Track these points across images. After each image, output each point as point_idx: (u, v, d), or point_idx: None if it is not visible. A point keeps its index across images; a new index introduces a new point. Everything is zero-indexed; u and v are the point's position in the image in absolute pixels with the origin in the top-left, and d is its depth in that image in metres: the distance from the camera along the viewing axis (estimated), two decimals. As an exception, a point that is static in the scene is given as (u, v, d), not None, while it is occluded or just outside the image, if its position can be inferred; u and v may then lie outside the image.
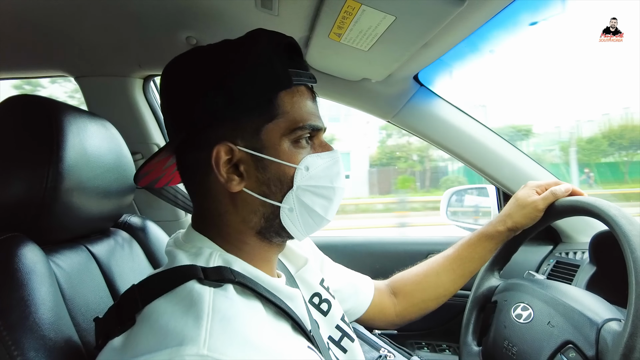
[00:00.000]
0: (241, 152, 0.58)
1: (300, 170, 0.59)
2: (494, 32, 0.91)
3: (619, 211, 0.73)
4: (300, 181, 0.59)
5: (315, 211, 0.61)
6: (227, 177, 0.58)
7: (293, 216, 0.60)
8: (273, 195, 0.59)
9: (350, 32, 0.81)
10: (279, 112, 0.58)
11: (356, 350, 0.74)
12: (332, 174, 0.62)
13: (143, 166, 0.64)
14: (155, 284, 0.53)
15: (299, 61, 0.63)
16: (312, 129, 0.61)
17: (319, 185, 0.61)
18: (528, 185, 0.93)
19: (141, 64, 1.15)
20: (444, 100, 1.22)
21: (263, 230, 0.61)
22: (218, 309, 0.47)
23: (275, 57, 0.59)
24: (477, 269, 0.97)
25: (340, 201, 0.65)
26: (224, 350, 0.43)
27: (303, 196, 0.60)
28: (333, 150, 0.64)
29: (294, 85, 0.60)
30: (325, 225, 0.65)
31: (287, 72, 0.59)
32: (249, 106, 0.57)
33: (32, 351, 0.49)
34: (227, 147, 0.57)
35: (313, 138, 0.63)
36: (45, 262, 0.59)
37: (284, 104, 0.59)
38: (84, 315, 0.63)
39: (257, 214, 0.60)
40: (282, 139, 0.59)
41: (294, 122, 0.59)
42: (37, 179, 0.61)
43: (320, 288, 0.77)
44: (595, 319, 0.70)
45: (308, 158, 0.60)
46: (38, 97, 0.67)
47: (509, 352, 0.82)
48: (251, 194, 0.59)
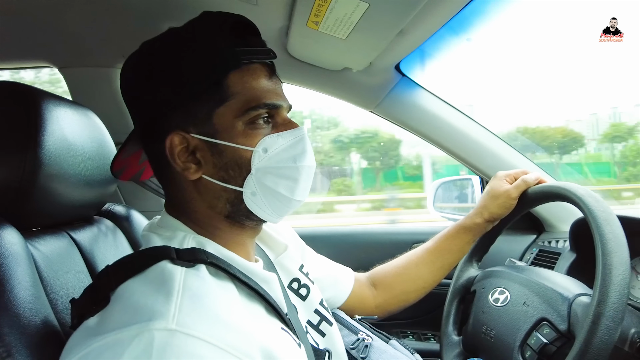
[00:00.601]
0: (195, 139, 0.57)
1: (257, 152, 0.57)
2: (471, 20, 0.92)
3: (586, 191, 0.75)
4: (259, 164, 0.58)
5: (280, 193, 0.60)
6: (184, 166, 0.58)
7: (257, 199, 0.59)
8: (233, 180, 0.58)
9: (327, 20, 0.82)
10: (229, 94, 0.56)
11: (334, 334, 0.75)
12: (296, 153, 0.60)
13: (114, 162, 0.65)
14: (129, 264, 0.53)
15: (250, 39, 0.61)
16: (268, 107, 0.58)
17: (280, 166, 0.59)
18: (497, 176, 0.95)
19: (125, 55, 1.12)
20: (426, 90, 1.23)
21: (232, 214, 0.61)
22: (189, 286, 0.48)
23: (219, 38, 0.57)
24: (456, 261, 0.98)
25: (309, 180, 0.63)
26: (193, 326, 0.43)
27: (264, 179, 0.58)
28: (297, 127, 0.61)
29: (244, 64, 0.57)
30: (297, 206, 0.64)
31: (234, 51, 0.57)
32: (197, 91, 0.56)
33: (6, 327, 0.50)
34: (180, 135, 0.57)
35: (274, 117, 0.61)
36: (22, 245, 0.59)
37: (234, 84, 0.57)
38: (63, 298, 0.64)
39: (220, 199, 0.60)
40: (235, 121, 0.57)
41: (246, 102, 0.57)
42: (15, 164, 0.61)
43: (299, 273, 0.78)
44: (566, 294, 0.72)
45: (267, 139, 0.58)
46: (17, 83, 0.67)
47: (487, 336, 0.83)
48: (211, 180, 0.58)
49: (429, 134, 1.26)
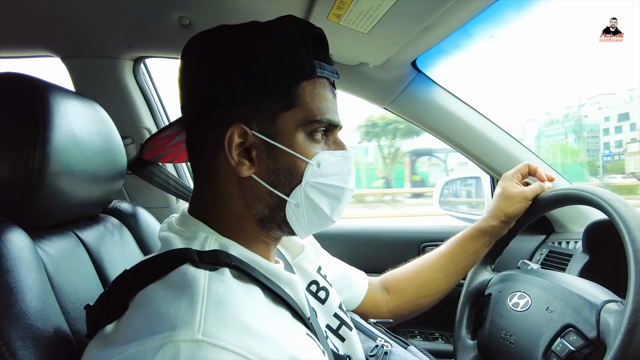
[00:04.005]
0: (255, 137, 0.56)
1: (311, 165, 0.57)
2: (494, 16, 0.89)
3: (613, 195, 0.74)
4: (310, 177, 0.58)
5: (322, 210, 0.60)
6: (238, 161, 0.56)
7: (299, 212, 0.59)
8: (281, 187, 0.58)
9: (350, 13, 0.79)
10: (298, 102, 0.57)
11: (354, 339, 0.73)
12: (343, 174, 0.61)
13: (151, 138, 0.63)
14: (148, 268, 0.51)
15: (324, 54, 0.62)
16: (328, 123, 0.59)
17: (329, 183, 0.59)
18: (506, 177, 0.96)
19: (131, 45, 1.12)
20: (441, 87, 1.21)
21: (265, 219, 0.60)
22: (213, 292, 0.45)
23: (302, 45, 0.57)
24: (471, 265, 0.97)
25: (347, 202, 0.64)
26: (220, 336, 0.41)
27: (311, 193, 0.58)
28: (347, 149, 0.62)
29: (317, 76, 0.58)
30: (329, 226, 0.63)
31: (312, 61, 0.57)
32: (269, 90, 0.56)
33: (19, 340, 0.47)
34: (241, 129, 0.56)
35: (328, 134, 0.61)
36: (32, 248, 0.56)
37: (304, 93, 0.57)
38: (73, 303, 0.61)
39: (262, 202, 0.58)
40: (297, 129, 0.57)
41: (311, 113, 0.57)
42: (22, 161, 0.58)
43: (318, 276, 0.76)
44: (594, 301, 0.71)
45: (321, 154, 0.58)
46: (24, 75, 0.64)
47: (506, 342, 0.82)
48: (259, 182, 0.57)
49: (443, 132, 1.24)
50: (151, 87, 1.32)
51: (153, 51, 1.18)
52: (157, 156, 0.72)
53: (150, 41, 1.11)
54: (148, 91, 1.29)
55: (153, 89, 1.33)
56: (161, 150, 0.70)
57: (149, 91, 1.30)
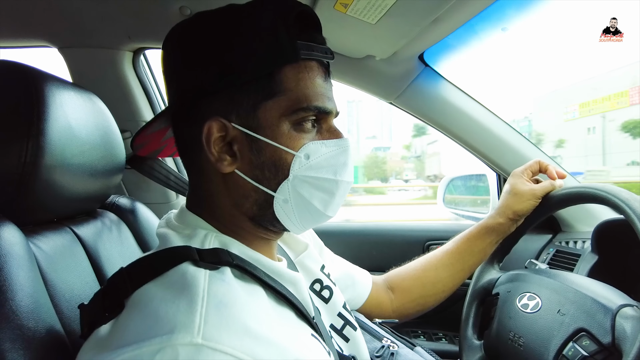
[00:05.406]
0: (235, 130, 0.52)
1: (298, 158, 0.53)
2: (505, 9, 0.87)
3: (630, 194, 0.71)
4: (298, 170, 0.53)
5: (314, 205, 0.55)
6: (218, 157, 0.53)
7: (288, 208, 0.55)
8: (267, 182, 0.54)
9: (358, 3, 0.76)
10: (280, 89, 0.52)
11: (359, 339, 0.71)
12: (337, 165, 0.56)
13: (137, 135, 0.60)
14: (146, 266, 0.48)
15: (312, 34, 0.56)
16: (317, 110, 0.54)
17: (320, 177, 0.55)
18: (515, 174, 0.93)
19: (131, 36, 1.09)
20: (449, 82, 1.19)
21: (257, 217, 0.56)
22: (214, 293, 0.43)
23: (281, 27, 0.52)
24: (477, 264, 0.95)
25: (344, 196, 0.59)
26: (221, 339, 0.39)
27: (300, 187, 0.54)
28: (342, 137, 0.57)
29: (302, 59, 0.53)
30: (325, 221, 0.59)
31: (295, 44, 0.52)
32: (246, 79, 0.51)
33: (8, 342, 0.44)
34: (220, 123, 0.52)
35: (321, 122, 0.56)
36: (24, 244, 0.54)
37: (287, 80, 0.52)
38: (68, 302, 0.59)
39: (249, 199, 0.55)
40: (281, 119, 0.52)
41: (296, 101, 0.52)
42: (14, 153, 0.56)
43: (322, 274, 0.73)
44: (609, 305, 0.68)
45: (310, 145, 0.54)
46: (18, 63, 0.61)
47: (515, 344, 0.79)
48: (243, 177, 0.54)
49: (450, 128, 1.22)
50: (151, 80, 1.30)
51: (153, 42, 1.15)
52: (154, 151, 0.69)
53: (150, 32, 1.08)
54: (148, 84, 1.26)
55: (153, 82, 1.31)
56: (154, 147, 0.67)
57: (149, 84, 1.27)
